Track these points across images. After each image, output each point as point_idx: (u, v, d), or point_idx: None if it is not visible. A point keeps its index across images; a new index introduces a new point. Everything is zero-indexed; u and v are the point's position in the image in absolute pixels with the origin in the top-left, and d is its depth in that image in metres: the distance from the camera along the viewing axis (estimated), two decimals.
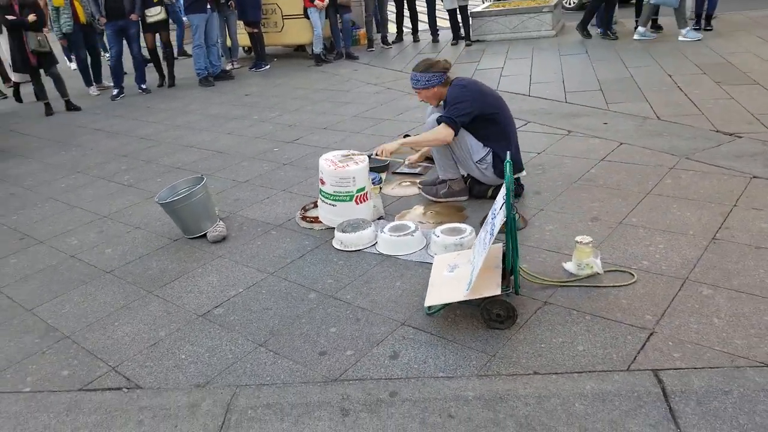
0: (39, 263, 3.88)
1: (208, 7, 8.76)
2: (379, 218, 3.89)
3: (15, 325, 3.19)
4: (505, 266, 2.79)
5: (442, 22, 10.57)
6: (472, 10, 9.86)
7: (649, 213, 3.50)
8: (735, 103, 5.27)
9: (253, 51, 10.07)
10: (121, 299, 3.31)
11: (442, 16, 10.49)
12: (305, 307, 3.01)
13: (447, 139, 3.70)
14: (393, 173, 4.64)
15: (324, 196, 3.77)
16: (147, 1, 8.83)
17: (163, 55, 9.49)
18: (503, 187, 2.57)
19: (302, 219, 3.98)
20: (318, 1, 9.21)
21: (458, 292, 2.68)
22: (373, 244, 3.54)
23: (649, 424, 2.08)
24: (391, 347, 2.63)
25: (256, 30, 9.67)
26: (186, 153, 5.86)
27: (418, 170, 4.57)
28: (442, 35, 10.40)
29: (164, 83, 9.50)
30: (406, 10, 10.34)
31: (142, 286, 3.42)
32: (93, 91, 9.53)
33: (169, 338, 2.90)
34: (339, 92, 7.61)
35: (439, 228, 3.40)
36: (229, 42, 10.25)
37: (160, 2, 8.97)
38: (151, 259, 3.73)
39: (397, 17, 10.60)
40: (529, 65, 7.73)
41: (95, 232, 4.24)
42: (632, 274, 2.91)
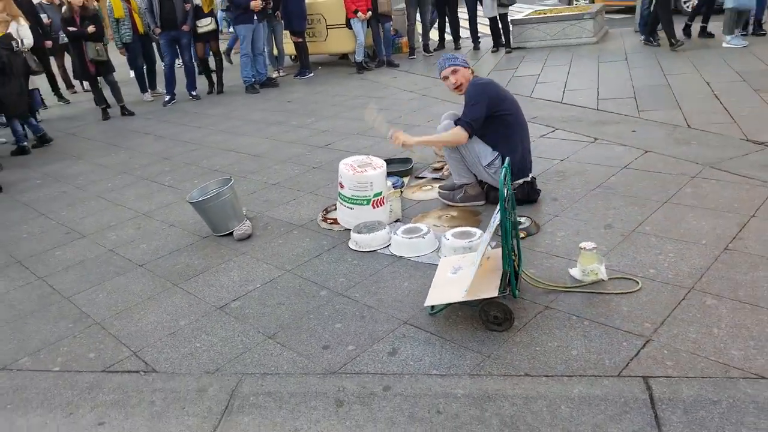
0: (80, 256, 4.15)
1: (255, 18, 9.04)
2: (396, 221, 3.99)
3: (53, 311, 3.45)
4: (512, 269, 2.86)
5: (483, 28, 10.61)
6: (512, 17, 9.87)
7: (664, 222, 3.49)
8: None
9: (298, 59, 10.33)
10: (149, 291, 3.52)
11: (484, 23, 10.52)
12: (315, 303, 3.14)
13: (461, 141, 3.79)
14: (416, 177, 4.75)
15: (342, 199, 3.90)
16: (198, 12, 9.21)
17: (215, 63, 9.85)
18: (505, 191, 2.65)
19: (323, 220, 4.13)
20: (360, 13, 9.40)
21: (457, 293, 2.76)
22: (387, 246, 3.65)
23: (632, 430, 2.12)
24: (391, 344, 2.73)
25: (300, 39, 9.92)
26: (225, 156, 6.10)
27: (440, 175, 4.66)
28: (483, 43, 10.44)
29: (213, 90, 9.85)
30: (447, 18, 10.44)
31: (169, 279, 3.63)
32: (147, 97, 9.95)
33: (188, 327, 3.08)
34: (375, 99, 7.75)
35: (450, 231, 3.49)
36: (276, 51, 10.56)
37: (210, 14, 9.34)
38: (181, 255, 3.94)
39: (439, 25, 10.70)
40: (566, 72, 7.71)
41: (133, 229, 4.49)
42: (637, 282, 2.92)
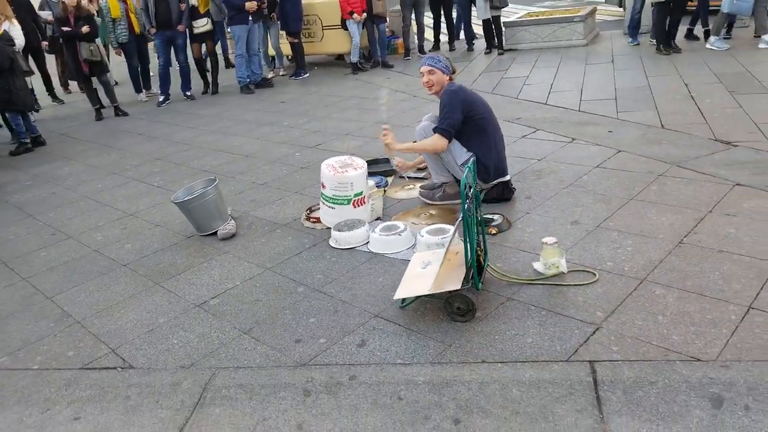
0: (65, 256, 4.29)
1: (250, 18, 9.18)
2: (376, 219, 4.14)
3: (35, 311, 3.58)
4: (475, 263, 3.00)
5: (478, 30, 10.74)
6: (505, 20, 10.01)
7: (627, 217, 3.64)
8: (742, 112, 5.30)
9: (294, 60, 10.47)
10: (131, 290, 3.66)
11: (478, 24, 10.65)
12: (292, 300, 3.29)
13: (441, 148, 3.95)
14: (400, 177, 4.89)
15: (324, 199, 4.05)
16: (194, 13, 9.35)
17: (211, 63, 9.99)
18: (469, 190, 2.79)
19: (306, 219, 4.27)
20: (355, 14, 9.55)
21: (424, 287, 2.90)
22: (366, 243, 3.79)
23: (575, 410, 2.26)
24: (361, 336, 2.88)
25: (296, 40, 10.06)
26: (215, 157, 6.25)
27: (423, 175, 4.80)
28: (477, 44, 10.58)
29: (208, 90, 10.00)
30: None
31: (151, 278, 3.77)
32: (142, 97, 10.11)
33: (166, 325, 3.22)
34: (367, 99, 7.89)
35: (425, 229, 3.62)
36: (272, 51, 10.71)
37: (206, 14, 9.47)
38: (165, 254, 4.08)
39: (435, 27, 10.84)
40: (554, 74, 7.85)
41: (119, 229, 4.64)
42: (594, 274, 3.07)
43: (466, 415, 2.31)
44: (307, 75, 10.32)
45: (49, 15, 10.06)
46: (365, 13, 9.72)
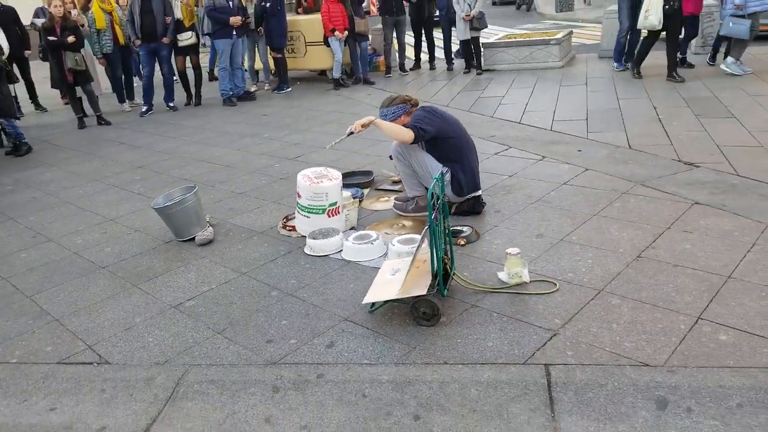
0: (45, 258, 4.36)
1: (234, 33, 9.34)
2: (350, 228, 4.27)
3: (14, 308, 3.66)
4: (440, 270, 3.13)
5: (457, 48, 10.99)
6: (484, 41, 10.26)
7: (590, 232, 3.81)
8: (706, 135, 5.53)
9: (276, 74, 10.63)
10: (109, 291, 3.75)
11: (458, 45, 10.90)
12: (265, 303, 3.40)
13: (407, 139, 3.98)
14: (376, 189, 5.03)
15: (300, 209, 4.17)
16: (179, 26, 9.48)
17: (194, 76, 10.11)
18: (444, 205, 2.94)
19: (283, 227, 4.39)
20: (337, 32, 9.74)
21: (392, 292, 3.04)
22: (339, 251, 3.91)
23: (529, 409, 2.40)
24: (330, 338, 3.00)
25: (280, 55, 10.22)
26: (196, 166, 6.35)
27: (398, 188, 4.94)
28: (457, 64, 10.81)
29: (191, 102, 10.10)
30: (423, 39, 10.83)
31: (129, 280, 3.86)
32: (125, 107, 10.18)
33: (142, 324, 3.31)
34: (348, 114, 8.05)
35: (397, 238, 3.76)
36: (260, 65, 10.86)
37: (191, 28, 9.60)
38: (143, 258, 4.17)
39: (415, 46, 11.08)
40: (529, 94, 8.07)
41: (99, 233, 4.72)
42: (555, 284, 3.22)
43: (426, 411, 2.43)
44: (290, 89, 10.48)
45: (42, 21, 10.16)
46: (347, 31, 9.93)
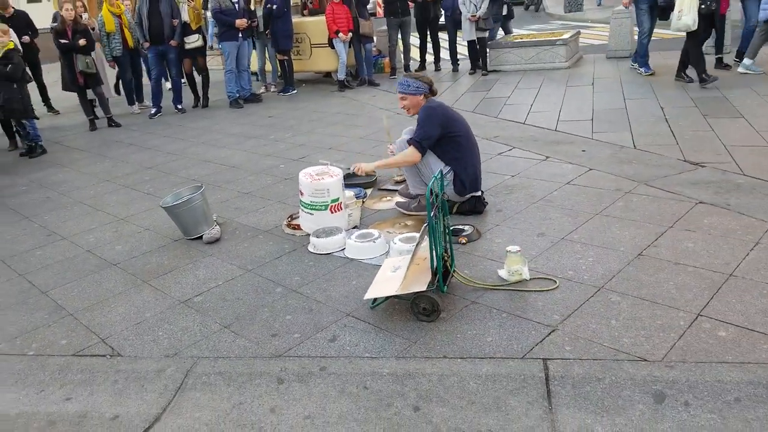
0: (59, 255, 4.46)
1: (240, 35, 9.44)
2: (354, 227, 4.34)
3: (31, 303, 3.76)
4: (441, 267, 3.20)
5: (463, 49, 11.04)
6: (490, 42, 10.32)
7: (591, 231, 3.86)
8: (713, 135, 5.56)
9: (282, 76, 10.72)
10: (121, 287, 3.84)
11: (463, 44, 10.95)
12: (270, 299, 3.48)
13: (415, 160, 4.16)
14: (379, 189, 5.10)
15: (303, 206, 4.25)
16: (186, 29, 9.59)
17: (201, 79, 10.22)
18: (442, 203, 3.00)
19: (287, 226, 4.47)
20: (341, 33, 9.83)
21: (393, 288, 3.10)
22: (342, 249, 3.98)
23: (527, 402, 2.46)
24: (333, 332, 3.07)
25: (286, 57, 10.32)
26: (203, 167, 6.45)
27: (401, 188, 5.00)
28: (462, 65, 10.87)
29: (199, 104, 10.21)
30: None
31: (139, 276, 3.95)
32: (135, 109, 10.30)
33: (153, 318, 3.40)
34: (352, 116, 8.13)
35: (398, 236, 3.83)
36: (269, 66, 10.99)
37: (198, 30, 9.72)
38: (153, 255, 4.26)
39: (421, 47, 11.14)
40: (534, 95, 8.12)
41: (111, 232, 4.82)
42: (555, 281, 3.28)
43: (426, 403, 2.50)
44: (295, 91, 10.57)
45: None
46: (351, 33, 10.01)
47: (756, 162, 4.79)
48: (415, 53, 11.65)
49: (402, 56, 11.14)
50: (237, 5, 9.34)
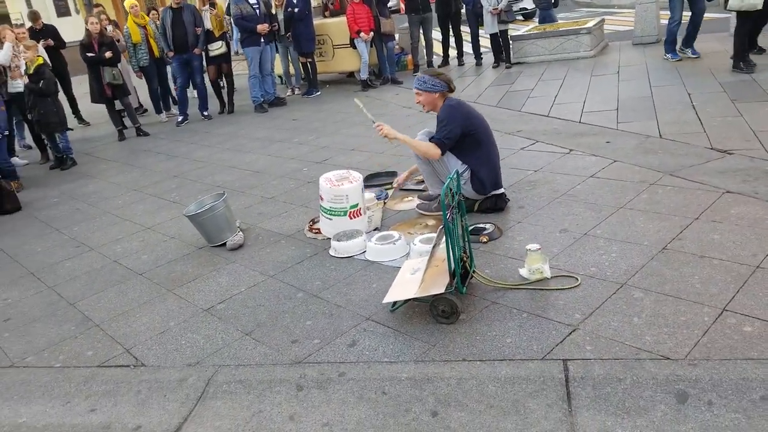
0: (87, 266, 4.56)
1: (262, 40, 9.50)
2: (374, 229, 4.33)
3: (59, 316, 3.85)
4: (459, 268, 3.17)
5: (486, 42, 10.93)
6: (512, 33, 10.20)
7: (615, 225, 3.78)
8: (741, 121, 5.40)
9: (306, 79, 10.77)
10: (146, 296, 3.91)
11: (486, 38, 10.85)
12: (291, 304, 3.49)
13: (433, 156, 4.13)
14: (400, 189, 5.08)
15: (323, 211, 4.26)
16: (209, 37, 9.70)
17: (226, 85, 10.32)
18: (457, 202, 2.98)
19: (309, 230, 4.48)
20: (363, 33, 9.83)
21: (411, 291, 3.09)
22: (363, 252, 3.98)
23: (546, 404, 2.42)
24: (352, 337, 3.07)
25: (309, 60, 10.36)
26: (228, 173, 6.51)
27: (423, 187, 4.98)
28: (485, 58, 10.78)
29: (224, 110, 10.32)
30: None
31: (164, 285, 4.01)
32: (162, 117, 10.47)
33: (176, 327, 3.45)
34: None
35: (418, 237, 3.81)
36: (292, 70, 11.06)
37: (221, 37, 9.82)
38: (177, 264, 4.32)
39: (443, 42, 11.07)
40: (558, 86, 8.00)
41: (138, 241, 4.90)
42: (576, 279, 3.22)
43: (444, 408, 2.48)
44: (319, 93, 10.60)
45: None
46: (373, 32, 10.00)
47: None
48: (438, 48, 11.59)
49: (425, 52, 11.10)
50: (258, 10, 9.41)
